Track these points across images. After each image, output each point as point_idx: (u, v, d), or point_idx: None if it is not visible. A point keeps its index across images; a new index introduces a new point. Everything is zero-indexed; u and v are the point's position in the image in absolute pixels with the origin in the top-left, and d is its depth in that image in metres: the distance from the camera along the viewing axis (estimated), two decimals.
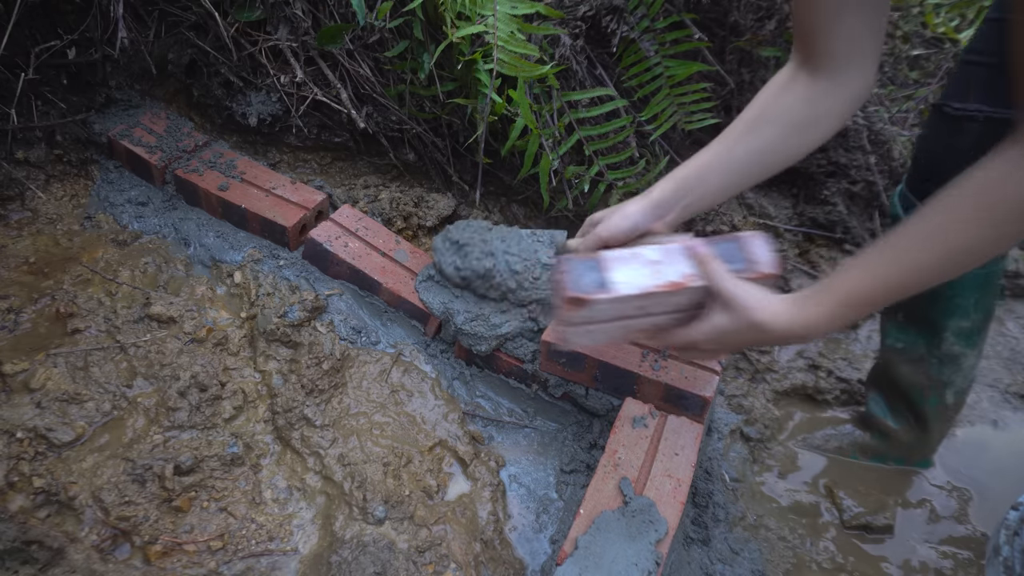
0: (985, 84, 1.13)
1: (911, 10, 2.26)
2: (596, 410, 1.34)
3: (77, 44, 1.50)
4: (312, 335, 1.32)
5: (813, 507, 1.40)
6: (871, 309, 0.91)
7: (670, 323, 0.98)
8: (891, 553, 1.34)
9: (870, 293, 0.88)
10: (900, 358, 1.38)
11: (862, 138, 1.80)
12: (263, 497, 1.14)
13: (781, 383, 1.63)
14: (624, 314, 0.97)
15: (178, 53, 1.60)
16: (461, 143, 1.65)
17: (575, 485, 1.26)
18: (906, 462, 1.47)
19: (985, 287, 1.28)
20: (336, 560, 1.06)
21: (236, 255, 1.48)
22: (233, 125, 1.69)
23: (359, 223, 1.51)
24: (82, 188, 1.57)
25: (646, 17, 1.57)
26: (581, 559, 1.01)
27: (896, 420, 1.44)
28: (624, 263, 0.95)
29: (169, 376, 1.23)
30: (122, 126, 1.60)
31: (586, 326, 0.99)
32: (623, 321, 0.98)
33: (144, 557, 1.05)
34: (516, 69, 1.41)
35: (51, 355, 1.21)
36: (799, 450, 1.51)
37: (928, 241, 0.86)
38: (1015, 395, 1.65)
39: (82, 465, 1.10)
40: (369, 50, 1.57)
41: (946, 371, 1.34)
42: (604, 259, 0.96)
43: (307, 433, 1.21)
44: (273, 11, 1.51)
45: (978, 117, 1.13)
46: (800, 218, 1.86)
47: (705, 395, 1.23)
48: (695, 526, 1.28)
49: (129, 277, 1.39)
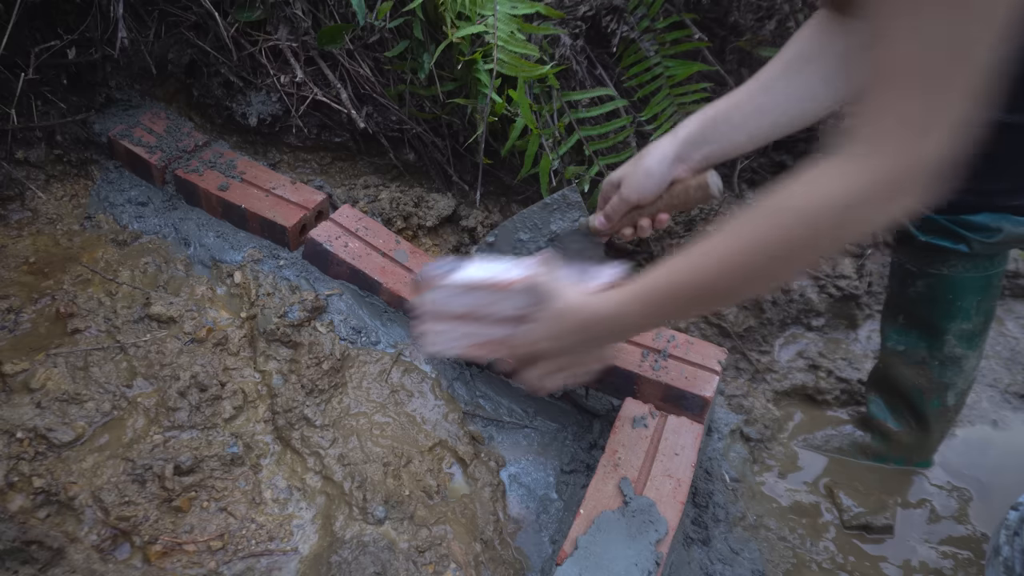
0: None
1: None
2: (596, 410, 1.34)
3: (77, 44, 1.50)
4: (312, 335, 1.32)
5: (813, 507, 1.40)
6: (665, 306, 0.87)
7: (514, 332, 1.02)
8: (891, 553, 1.34)
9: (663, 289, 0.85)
10: (901, 361, 1.37)
11: None
12: (263, 497, 1.14)
13: (781, 383, 1.63)
14: (466, 311, 1.03)
15: (178, 53, 1.60)
16: (461, 143, 1.65)
17: (575, 485, 1.26)
18: (906, 463, 1.47)
19: (986, 289, 1.27)
20: (336, 560, 1.05)
21: (236, 255, 1.48)
22: (233, 125, 1.69)
23: (359, 223, 1.51)
24: (82, 188, 1.57)
25: (646, 17, 1.57)
26: (581, 559, 1.01)
27: (897, 422, 1.44)
28: (479, 266, 1.03)
29: (169, 376, 1.23)
30: (122, 126, 1.60)
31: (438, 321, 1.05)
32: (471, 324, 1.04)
33: (144, 557, 1.05)
34: (516, 69, 1.41)
35: (51, 355, 1.21)
36: (799, 450, 1.51)
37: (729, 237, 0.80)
38: (1015, 395, 1.65)
39: (82, 465, 1.10)
40: (369, 50, 1.57)
41: (947, 373, 1.34)
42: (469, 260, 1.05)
43: (307, 433, 1.21)
44: (273, 11, 1.51)
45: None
46: None
47: (705, 395, 1.23)
48: (695, 526, 1.28)
49: (129, 277, 1.39)
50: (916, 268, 1.29)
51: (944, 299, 1.27)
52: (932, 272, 1.27)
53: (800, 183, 0.73)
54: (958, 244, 1.21)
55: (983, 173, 1.17)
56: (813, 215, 0.73)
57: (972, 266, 1.24)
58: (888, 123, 0.68)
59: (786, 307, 1.73)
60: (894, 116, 0.68)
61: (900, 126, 0.68)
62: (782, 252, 0.76)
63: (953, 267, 1.24)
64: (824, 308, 1.75)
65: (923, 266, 1.27)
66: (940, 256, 1.24)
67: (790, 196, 0.74)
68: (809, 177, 0.73)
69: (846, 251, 1.85)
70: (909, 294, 1.32)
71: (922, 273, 1.28)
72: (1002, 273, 1.29)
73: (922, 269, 1.28)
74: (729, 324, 1.69)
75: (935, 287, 1.28)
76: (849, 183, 0.70)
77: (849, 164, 0.70)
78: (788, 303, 1.73)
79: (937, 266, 1.26)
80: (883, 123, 0.69)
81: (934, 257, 1.25)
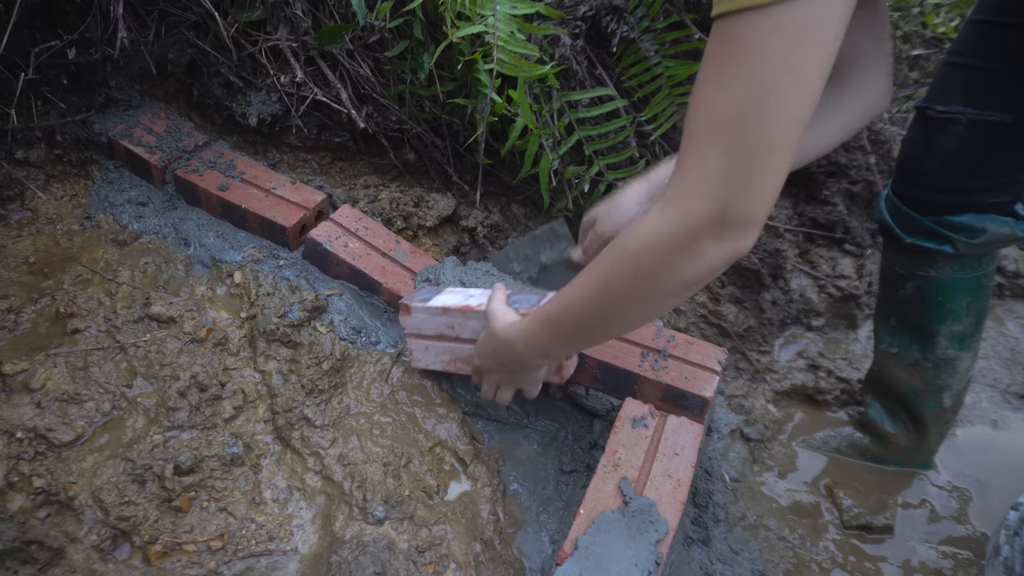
0: (968, 86, 1.12)
1: (911, 10, 2.26)
2: (596, 410, 1.34)
3: (77, 44, 1.49)
4: (312, 335, 1.32)
5: (813, 507, 1.40)
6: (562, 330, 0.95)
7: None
8: (891, 553, 1.34)
9: (556, 314, 0.94)
10: (894, 363, 1.37)
11: (862, 138, 1.80)
12: (263, 497, 1.14)
13: (781, 383, 1.63)
14: (441, 332, 1.22)
15: (178, 53, 1.60)
16: (461, 143, 1.65)
17: (575, 485, 1.26)
18: (905, 465, 1.46)
19: (976, 291, 1.27)
20: (336, 560, 1.05)
21: (236, 255, 1.48)
22: (233, 125, 1.69)
23: (359, 223, 1.51)
24: (82, 188, 1.57)
25: (646, 17, 1.57)
26: (581, 559, 1.01)
27: (894, 424, 1.43)
28: (452, 294, 1.25)
29: (169, 376, 1.23)
30: (122, 126, 1.60)
31: (421, 340, 1.26)
32: (446, 343, 1.23)
33: (144, 557, 1.05)
34: (516, 69, 1.41)
35: (51, 355, 1.21)
36: (799, 450, 1.51)
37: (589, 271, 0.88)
38: (1015, 395, 1.65)
39: (82, 465, 1.10)
40: (369, 50, 1.57)
41: (941, 375, 1.33)
42: (444, 289, 1.29)
43: (307, 433, 1.21)
44: (273, 11, 1.51)
45: (961, 119, 1.13)
46: (800, 218, 1.86)
47: (705, 395, 1.23)
48: (695, 526, 1.28)
49: (129, 277, 1.39)
50: (904, 270, 1.28)
51: (933, 301, 1.27)
52: (920, 274, 1.26)
53: (633, 226, 0.81)
54: (943, 245, 1.21)
55: (963, 172, 1.18)
56: (635, 256, 0.80)
57: (960, 267, 1.23)
58: (691, 178, 0.74)
59: (786, 307, 1.73)
60: (696, 172, 0.73)
61: (699, 182, 0.73)
62: (621, 288, 0.83)
63: (941, 269, 1.24)
64: (824, 308, 1.75)
65: (911, 268, 1.27)
66: (927, 258, 1.24)
67: (624, 237, 0.82)
68: (639, 222, 0.80)
69: (845, 250, 1.85)
70: (899, 296, 1.31)
71: (910, 275, 1.28)
72: (992, 274, 1.29)
73: (910, 271, 1.28)
74: (729, 324, 1.69)
75: (924, 289, 1.27)
76: (657, 231, 0.77)
77: (660, 214, 0.77)
78: (788, 303, 1.73)
79: (925, 268, 1.25)
80: (687, 178, 0.74)
81: (921, 259, 1.25)
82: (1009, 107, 1.09)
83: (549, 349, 1.01)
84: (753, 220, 0.73)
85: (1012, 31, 1.05)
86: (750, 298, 1.72)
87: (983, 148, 1.13)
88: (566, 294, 0.91)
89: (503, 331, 1.05)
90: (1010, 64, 1.07)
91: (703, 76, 0.72)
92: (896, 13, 2.20)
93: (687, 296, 0.83)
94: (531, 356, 1.04)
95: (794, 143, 0.71)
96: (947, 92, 1.15)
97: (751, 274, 1.71)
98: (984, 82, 1.10)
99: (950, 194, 1.19)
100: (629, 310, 0.86)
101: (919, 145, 1.20)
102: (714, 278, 0.81)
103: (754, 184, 0.71)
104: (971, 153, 1.15)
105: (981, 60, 1.10)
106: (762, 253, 1.70)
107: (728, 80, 0.69)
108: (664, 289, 0.80)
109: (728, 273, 1.72)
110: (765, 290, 1.72)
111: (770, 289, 1.72)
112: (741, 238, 0.74)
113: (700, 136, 0.72)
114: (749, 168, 0.70)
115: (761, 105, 0.68)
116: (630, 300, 0.84)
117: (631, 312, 0.87)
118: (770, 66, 0.67)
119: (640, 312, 0.86)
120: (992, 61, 1.09)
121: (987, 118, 1.10)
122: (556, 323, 0.95)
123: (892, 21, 2.12)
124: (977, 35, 1.12)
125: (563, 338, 0.97)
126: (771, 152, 0.70)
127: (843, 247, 1.85)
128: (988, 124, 1.11)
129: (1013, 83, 1.08)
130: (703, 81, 0.72)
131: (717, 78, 0.70)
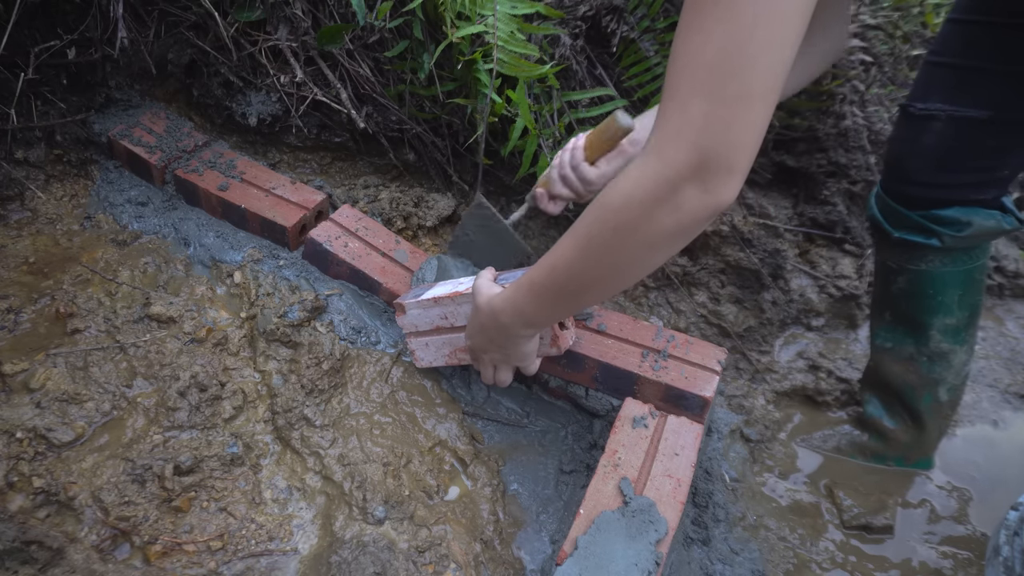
0: (946, 84, 1.16)
1: (911, 10, 2.26)
2: (596, 410, 1.34)
3: (77, 44, 1.50)
4: (312, 335, 1.32)
5: (813, 507, 1.40)
6: (546, 294, 0.94)
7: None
8: (891, 553, 1.34)
9: (539, 278, 0.93)
10: (890, 358, 1.39)
11: (862, 138, 1.79)
12: (263, 497, 1.14)
13: (781, 383, 1.63)
14: (436, 324, 1.22)
15: (178, 53, 1.60)
16: (461, 143, 1.65)
17: (575, 485, 1.26)
18: (906, 462, 1.47)
19: (967, 284, 1.29)
20: (336, 560, 1.05)
21: (236, 255, 1.48)
22: (233, 125, 1.69)
23: (359, 223, 1.51)
24: (82, 188, 1.57)
25: (646, 17, 1.57)
26: (581, 559, 1.01)
27: (892, 420, 1.44)
28: (442, 285, 1.25)
29: (169, 376, 1.23)
30: (122, 126, 1.60)
31: (419, 337, 1.26)
32: (443, 335, 1.23)
33: (144, 557, 1.05)
34: (516, 69, 1.41)
35: (51, 355, 1.21)
36: (799, 450, 1.51)
37: (571, 232, 0.87)
38: (1015, 395, 1.65)
39: (82, 465, 1.10)
40: (369, 50, 1.57)
41: (936, 369, 1.35)
42: (435, 284, 1.29)
43: (307, 433, 1.21)
44: (273, 11, 1.51)
45: (940, 116, 1.16)
46: (800, 218, 1.86)
47: (705, 395, 1.23)
48: (695, 526, 1.28)
49: (129, 277, 1.39)
50: (896, 265, 1.31)
51: (925, 294, 1.29)
52: (911, 268, 1.29)
53: (614, 181, 0.81)
54: (930, 239, 1.24)
55: (945, 167, 1.21)
56: (616, 210, 0.79)
57: (949, 260, 1.26)
58: (672, 127, 0.73)
59: (786, 307, 1.73)
60: (677, 120, 0.73)
61: (681, 130, 0.72)
62: (602, 244, 0.82)
63: (930, 262, 1.27)
64: (824, 308, 1.75)
65: (902, 262, 1.30)
66: (916, 252, 1.27)
67: (606, 192, 0.81)
68: (621, 175, 0.80)
69: (846, 250, 1.85)
70: (892, 291, 1.34)
71: (902, 269, 1.30)
72: (984, 267, 1.31)
73: (901, 266, 1.30)
74: (729, 324, 1.69)
75: (915, 283, 1.30)
76: (639, 181, 0.77)
77: (641, 164, 0.77)
78: (788, 303, 1.73)
79: (915, 262, 1.28)
80: (668, 127, 0.74)
81: (910, 253, 1.28)
82: (985, 103, 1.12)
83: (533, 317, 0.99)
84: (735, 168, 0.73)
85: (985, 29, 1.09)
86: (750, 298, 1.72)
87: (963, 143, 1.17)
88: (548, 257, 0.90)
89: (487, 303, 1.04)
90: (984, 62, 1.11)
91: (683, 23, 0.71)
92: (896, 13, 2.19)
93: (671, 253, 0.82)
94: (517, 326, 1.02)
95: (776, 89, 0.70)
96: (927, 90, 1.19)
97: (751, 274, 1.71)
98: (961, 79, 1.14)
99: (934, 189, 1.22)
100: (611, 268, 0.84)
101: (903, 142, 1.24)
102: (696, 233, 0.79)
103: (736, 131, 0.70)
104: (952, 148, 1.18)
105: (958, 58, 1.13)
106: (762, 253, 1.70)
107: (709, 25, 0.68)
108: (645, 243, 0.79)
109: (728, 273, 1.72)
110: (765, 290, 1.71)
111: (770, 289, 1.72)
112: (723, 188, 0.73)
113: (681, 84, 0.72)
114: (731, 114, 0.70)
115: (742, 49, 0.67)
116: (612, 257, 0.82)
117: (614, 271, 0.85)
118: (751, 9, 0.66)
119: (624, 271, 0.85)
120: (968, 59, 1.12)
121: (964, 114, 1.13)
122: (539, 287, 0.93)
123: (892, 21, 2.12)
124: (954, 34, 1.15)
125: (548, 303, 0.95)
126: (752, 98, 0.69)
127: (843, 247, 1.85)
128: (965, 120, 1.14)
129: (988, 80, 1.11)
130: (683, 28, 0.71)
131: (697, 24, 0.69)
